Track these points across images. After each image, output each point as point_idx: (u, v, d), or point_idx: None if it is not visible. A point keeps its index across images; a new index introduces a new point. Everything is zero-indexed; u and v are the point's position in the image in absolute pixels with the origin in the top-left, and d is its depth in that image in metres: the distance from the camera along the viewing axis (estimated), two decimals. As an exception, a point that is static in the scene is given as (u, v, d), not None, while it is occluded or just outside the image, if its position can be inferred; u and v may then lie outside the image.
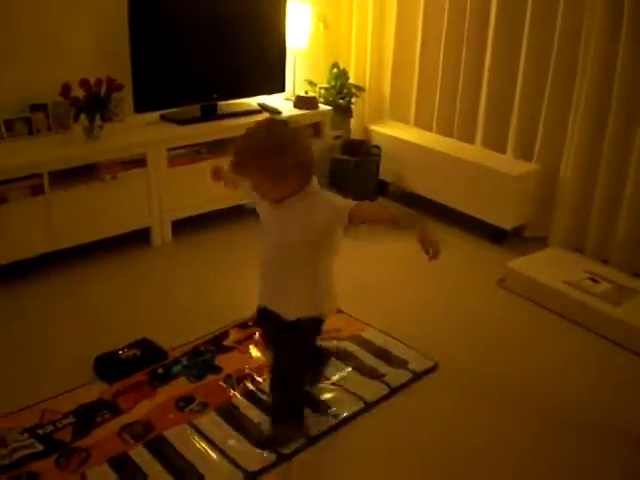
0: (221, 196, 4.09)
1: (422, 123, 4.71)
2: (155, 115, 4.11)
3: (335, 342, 3.10)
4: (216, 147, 4.13)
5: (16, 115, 3.72)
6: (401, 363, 3.00)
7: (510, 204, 4.06)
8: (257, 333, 3.15)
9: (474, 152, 4.33)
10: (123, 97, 3.86)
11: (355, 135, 4.81)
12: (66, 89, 3.60)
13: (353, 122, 4.81)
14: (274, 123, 2.36)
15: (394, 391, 2.83)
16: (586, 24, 3.70)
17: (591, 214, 3.87)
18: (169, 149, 3.92)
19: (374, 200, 4.46)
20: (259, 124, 2.32)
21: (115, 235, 3.81)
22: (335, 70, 4.71)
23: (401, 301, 3.55)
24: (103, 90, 3.66)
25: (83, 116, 3.66)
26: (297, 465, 2.46)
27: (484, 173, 4.11)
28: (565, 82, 3.88)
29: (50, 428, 2.58)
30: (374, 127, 4.72)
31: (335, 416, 2.67)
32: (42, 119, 3.79)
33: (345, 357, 3.03)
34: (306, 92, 4.56)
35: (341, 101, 4.65)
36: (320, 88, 4.67)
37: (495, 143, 4.32)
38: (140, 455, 2.44)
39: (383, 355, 3.05)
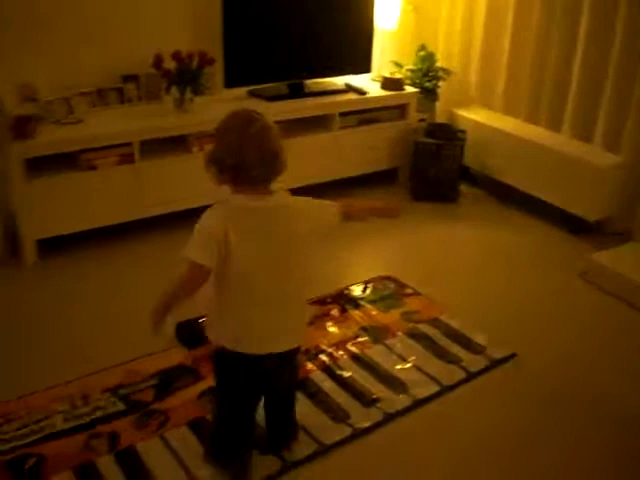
0: (307, 174, 4.14)
1: (509, 109, 4.63)
2: (243, 91, 4.15)
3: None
4: (302, 125, 4.16)
5: (109, 85, 3.82)
6: (479, 349, 2.98)
7: (595, 196, 3.96)
8: (335, 309, 3.19)
9: (560, 141, 4.23)
10: (213, 72, 3.91)
11: (440, 119, 4.77)
12: (158, 60, 3.67)
13: (438, 105, 4.76)
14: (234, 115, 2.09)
15: (471, 377, 2.82)
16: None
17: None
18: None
19: (457, 184, 4.44)
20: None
21: (200, 206, 3.87)
22: (422, 52, 4.67)
23: (481, 287, 3.51)
24: (195, 63, 3.72)
25: (174, 88, 3.73)
26: (370, 443, 2.48)
27: (570, 163, 4.02)
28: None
29: (132, 389, 2.66)
30: (460, 111, 4.67)
31: (410, 396, 2.67)
32: (133, 90, 3.88)
33: (423, 339, 3.03)
34: (393, 73, 4.53)
35: (427, 84, 4.61)
36: (407, 70, 4.64)
37: (582, 133, 4.21)
38: (218, 420, 2.50)
39: (461, 340, 3.03)
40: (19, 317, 3.14)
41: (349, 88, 4.39)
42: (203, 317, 2.96)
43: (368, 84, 4.51)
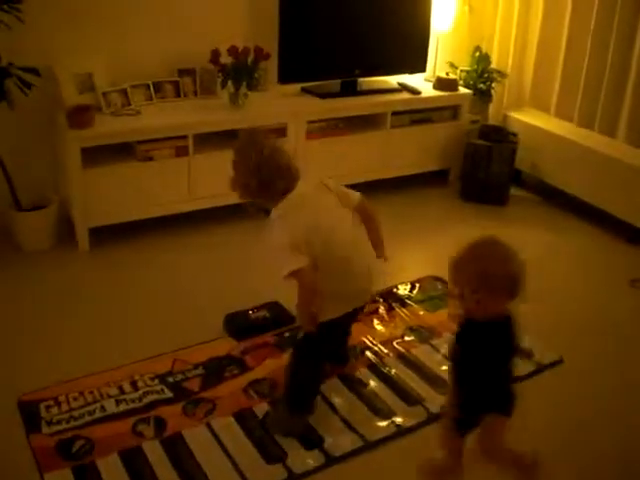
0: (357, 172, 4.15)
1: (563, 113, 4.57)
2: (296, 87, 4.18)
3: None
4: (353, 123, 4.17)
5: (165, 78, 3.88)
6: (526, 353, 2.93)
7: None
8: (382, 307, 3.20)
9: (615, 147, 4.16)
10: (267, 67, 3.94)
11: (493, 121, 4.73)
12: (215, 55, 3.71)
13: (492, 107, 4.74)
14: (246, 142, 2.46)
15: (517, 380, 2.78)
16: None
17: None
18: (308, 122, 3.98)
19: (508, 187, 4.41)
20: None
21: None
22: (477, 54, 4.64)
23: (528, 291, 3.46)
24: (250, 58, 3.75)
25: (230, 83, 3.76)
26: (413, 441, 2.47)
27: (624, 170, 3.95)
28: None
29: (180, 377, 2.70)
30: (513, 114, 4.62)
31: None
32: (189, 84, 3.93)
33: (468, 341, 3.01)
34: (447, 74, 4.52)
35: (482, 85, 4.58)
36: (461, 71, 4.62)
37: (638, 139, 4.14)
38: (264, 411, 2.52)
39: (507, 343, 3.01)
40: (71, 302, 3.21)
41: (402, 87, 4.38)
42: (251, 309, 3.04)
43: (421, 84, 4.50)
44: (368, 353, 2.89)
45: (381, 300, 3.26)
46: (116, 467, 2.28)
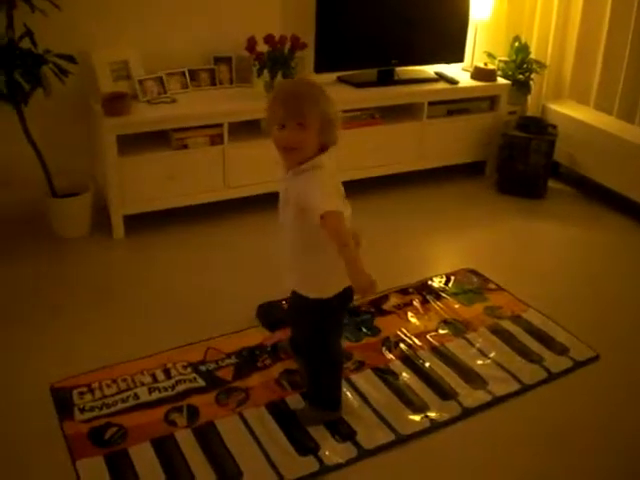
0: (392, 163, 4.11)
1: (603, 105, 4.49)
2: (332, 76, 4.14)
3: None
4: (389, 112, 4.13)
5: (200, 66, 3.87)
6: (562, 349, 2.90)
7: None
8: (416, 300, 3.16)
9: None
10: (303, 56, 3.91)
11: (531, 112, 4.66)
12: (252, 43, 3.69)
13: (530, 98, 4.66)
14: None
15: (552, 377, 2.75)
16: None
17: None
18: (343, 111, 3.94)
19: (546, 180, 4.33)
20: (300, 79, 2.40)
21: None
22: (517, 44, 4.56)
23: (565, 285, 3.42)
24: (287, 47, 3.72)
25: (266, 72, 3.74)
26: (446, 436, 2.44)
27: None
28: None
29: (213, 366, 2.70)
30: (552, 105, 4.54)
31: (489, 392, 2.63)
32: (225, 72, 3.92)
33: (505, 336, 2.97)
34: (485, 64, 4.45)
35: (520, 76, 4.50)
36: (500, 61, 4.55)
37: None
38: (297, 403, 2.51)
39: (544, 339, 2.96)
40: (105, 290, 3.23)
41: (440, 77, 4.32)
42: (284, 299, 3.02)
43: (459, 74, 4.44)
44: (402, 345, 2.86)
45: (415, 293, 3.23)
46: (148, 455, 2.28)
